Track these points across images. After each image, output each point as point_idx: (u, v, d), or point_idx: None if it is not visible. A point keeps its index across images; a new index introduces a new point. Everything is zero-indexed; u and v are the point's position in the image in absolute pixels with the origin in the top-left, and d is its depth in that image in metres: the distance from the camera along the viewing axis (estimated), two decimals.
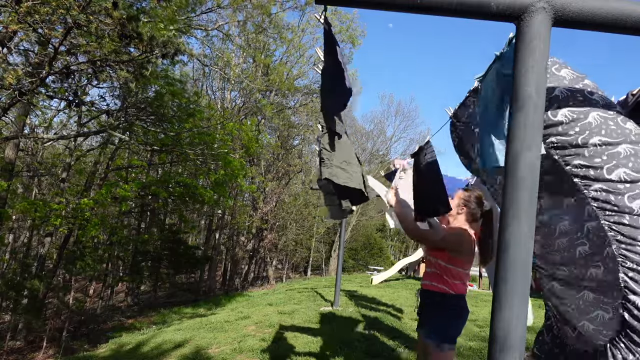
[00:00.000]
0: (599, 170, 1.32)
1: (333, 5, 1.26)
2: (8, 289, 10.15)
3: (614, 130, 1.32)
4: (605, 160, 1.31)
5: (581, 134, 1.35)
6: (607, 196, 1.31)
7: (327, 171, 1.96)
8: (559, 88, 1.42)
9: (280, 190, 19.09)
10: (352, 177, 2.02)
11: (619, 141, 1.31)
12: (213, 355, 4.32)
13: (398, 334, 5.17)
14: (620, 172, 1.29)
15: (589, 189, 1.35)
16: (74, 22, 5.00)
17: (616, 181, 1.29)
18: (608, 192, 1.31)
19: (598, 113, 1.35)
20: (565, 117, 1.38)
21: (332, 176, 1.95)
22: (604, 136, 1.32)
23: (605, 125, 1.33)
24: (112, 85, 8.79)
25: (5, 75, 5.19)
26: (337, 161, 2.01)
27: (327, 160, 1.98)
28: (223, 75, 14.63)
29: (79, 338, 10.99)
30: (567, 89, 1.42)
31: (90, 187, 13.13)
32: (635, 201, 1.27)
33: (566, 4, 1.09)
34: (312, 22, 15.82)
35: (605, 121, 1.34)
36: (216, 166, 11.73)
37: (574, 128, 1.36)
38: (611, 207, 1.30)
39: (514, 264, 1.06)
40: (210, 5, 11.39)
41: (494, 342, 1.07)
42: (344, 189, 2.10)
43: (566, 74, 1.47)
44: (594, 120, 1.34)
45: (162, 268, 16.47)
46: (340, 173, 1.98)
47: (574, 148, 1.37)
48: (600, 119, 1.34)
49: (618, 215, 1.29)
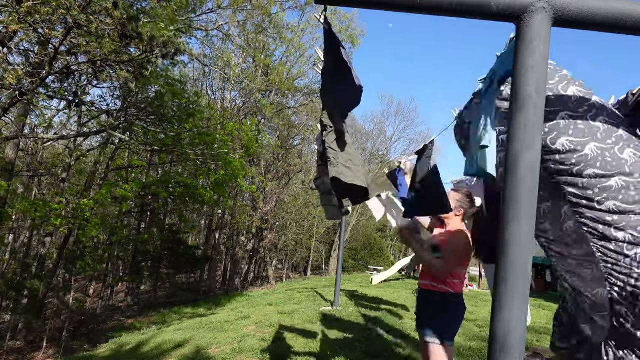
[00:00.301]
0: (590, 203, 1.43)
1: (333, 5, 1.26)
2: (8, 289, 10.16)
3: (609, 163, 1.41)
4: (597, 193, 1.42)
5: (577, 166, 1.44)
6: (596, 225, 1.44)
7: (334, 170, 1.96)
8: (562, 114, 1.48)
9: (280, 190, 19.10)
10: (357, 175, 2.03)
11: (613, 174, 1.40)
12: (213, 355, 4.32)
13: (398, 334, 5.17)
14: (610, 204, 1.40)
15: (581, 216, 1.47)
16: (75, 22, 5.00)
17: (605, 212, 1.41)
18: (597, 222, 1.43)
19: (595, 144, 1.43)
20: (563, 146, 1.46)
21: (340, 175, 1.96)
22: (598, 169, 1.41)
23: (602, 157, 1.42)
24: (112, 85, 8.79)
25: (6, 75, 5.19)
26: (342, 160, 2.02)
27: (333, 159, 1.99)
28: (223, 75, 14.63)
29: (79, 338, 11.00)
30: (570, 114, 1.47)
31: (91, 187, 13.13)
32: (620, 232, 1.41)
33: (566, 4, 1.09)
34: (312, 22, 15.83)
35: (602, 153, 1.42)
36: (216, 166, 11.73)
37: (571, 159, 1.44)
38: (599, 234, 1.44)
39: (514, 264, 1.06)
40: (211, 6, 11.40)
41: (494, 342, 1.07)
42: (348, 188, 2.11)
43: (573, 92, 1.51)
44: (591, 152, 1.42)
45: (162, 268, 16.48)
46: (347, 172, 2.00)
47: (570, 177, 1.47)
48: (597, 150, 1.42)
49: (604, 242, 1.43)
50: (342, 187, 2.10)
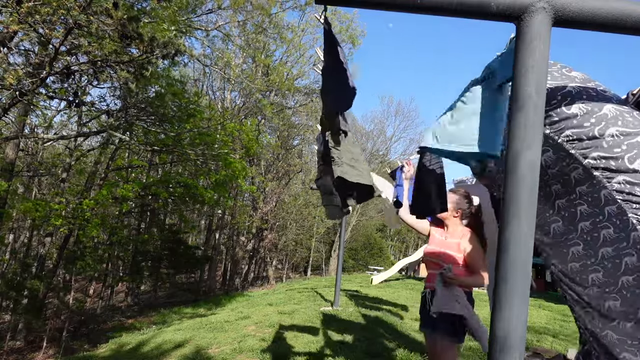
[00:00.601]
0: (620, 161, 1.26)
1: (333, 5, 1.26)
2: (8, 289, 10.16)
3: (631, 122, 1.28)
4: (625, 149, 1.26)
5: (597, 125, 1.31)
6: (633, 188, 1.24)
7: (338, 169, 1.97)
8: (572, 85, 1.41)
9: (280, 190, 19.10)
10: (362, 173, 2.04)
11: (638, 131, 1.27)
12: (213, 355, 4.32)
13: (398, 334, 5.17)
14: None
15: (612, 182, 1.29)
16: (75, 22, 5.00)
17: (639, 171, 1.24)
18: (633, 184, 1.24)
19: (613, 106, 1.33)
20: (580, 109, 1.35)
21: (344, 174, 1.97)
22: (621, 126, 1.28)
23: (622, 117, 1.30)
24: (112, 85, 8.79)
25: (6, 75, 5.20)
26: (346, 159, 2.02)
27: (337, 158, 1.99)
28: (223, 75, 14.63)
29: (79, 338, 11.00)
30: (580, 86, 1.41)
31: (91, 187, 13.13)
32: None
33: (566, 4, 1.09)
34: (312, 22, 15.84)
35: (621, 113, 1.31)
36: (216, 167, 11.74)
37: (590, 119, 1.32)
38: (638, 199, 1.24)
39: (514, 263, 1.06)
40: (211, 7, 11.40)
41: (494, 342, 1.07)
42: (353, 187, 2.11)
43: (577, 74, 1.47)
44: (609, 112, 1.31)
45: (162, 268, 16.48)
46: (351, 170, 2.00)
47: (590, 140, 1.32)
48: (616, 111, 1.31)
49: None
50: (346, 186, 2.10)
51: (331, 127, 2.05)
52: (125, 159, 14.47)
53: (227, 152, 10.61)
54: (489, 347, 1.10)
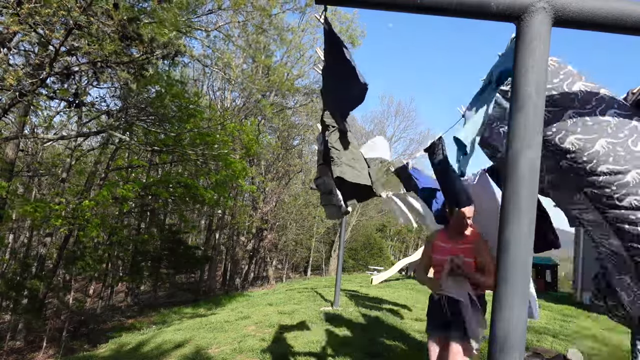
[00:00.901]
0: (610, 200, 1.37)
1: (333, 5, 1.26)
2: (8, 289, 10.15)
3: (622, 157, 1.35)
4: (614, 190, 1.36)
5: (589, 163, 1.39)
6: (622, 225, 1.37)
7: (338, 169, 1.97)
8: (569, 112, 1.43)
9: (280, 190, 19.10)
10: (361, 173, 2.03)
11: (628, 168, 1.34)
12: (213, 355, 4.32)
13: (398, 334, 5.17)
14: (631, 199, 1.34)
15: (605, 214, 1.41)
16: (75, 23, 5.00)
17: (628, 208, 1.34)
18: (622, 220, 1.36)
19: (606, 140, 1.37)
20: (573, 145, 1.41)
21: (343, 174, 1.96)
22: (612, 164, 1.35)
23: (614, 153, 1.35)
24: (112, 86, 8.79)
25: (6, 76, 5.19)
26: (346, 159, 2.02)
27: (336, 158, 1.99)
28: (223, 75, 14.63)
29: (79, 338, 11.00)
30: (577, 112, 1.42)
31: (91, 187, 13.13)
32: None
33: (566, 4, 1.09)
34: (313, 22, 15.84)
35: (614, 147, 1.36)
36: (217, 167, 11.74)
37: (582, 157, 1.39)
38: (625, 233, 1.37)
39: (514, 263, 1.06)
40: (211, 7, 11.40)
41: (494, 342, 1.07)
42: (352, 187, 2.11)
43: (579, 89, 1.45)
44: (602, 148, 1.37)
45: (162, 268, 16.48)
46: (350, 171, 1.99)
47: (586, 175, 1.42)
48: (609, 145, 1.36)
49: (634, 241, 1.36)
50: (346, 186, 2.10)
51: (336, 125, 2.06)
52: (125, 159, 14.47)
53: (227, 152, 10.61)
54: (489, 347, 1.10)
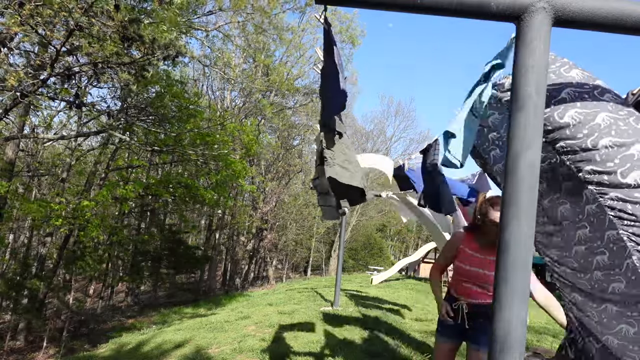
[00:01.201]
0: (612, 175, 1.25)
1: (333, 5, 1.26)
2: (8, 289, 10.15)
3: (625, 131, 1.26)
4: (618, 163, 1.24)
5: (590, 136, 1.29)
6: (624, 205, 1.24)
7: (330, 170, 1.95)
8: (567, 89, 1.38)
9: (280, 190, 19.10)
10: (354, 176, 2.01)
11: (632, 141, 1.24)
12: (213, 356, 4.32)
13: (398, 334, 5.17)
14: (636, 175, 1.21)
15: (605, 197, 1.28)
16: (76, 24, 5.00)
17: (632, 186, 1.22)
18: (625, 200, 1.23)
19: (607, 114, 1.29)
20: (573, 119, 1.32)
21: (336, 175, 1.95)
22: (614, 137, 1.26)
23: (616, 126, 1.27)
24: (113, 86, 8.79)
25: (7, 76, 5.19)
26: (339, 160, 2.00)
27: (330, 159, 1.97)
28: (223, 75, 14.63)
29: (79, 338, 11.00)
30: (575, 90, 1.37)
31: (91, 187, 13.13)
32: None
33: (566, 4, 1.09)
34: (313, 22, 15.84)
35: (615, 122, 1.28)
36: (217, 167, 11.74)
37: (582, 130, 1.30)
38: (628, 216, 1.24)
39: (514, 264, 1.06)
40: (211, 8, 11.40)
41: (494, 342, 1.07)
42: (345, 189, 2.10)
43: (576, 74, 1.43)
44: (603, 121, 1.28)
45: (162, 268, 16.48)
46: (343, 172, 1.98)
47: (584, 152, 1.31)
48: (610, 119, 1.28)
49: (637, 225, 1.23)
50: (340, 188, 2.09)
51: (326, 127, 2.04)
52: (125, 159, 14.47)
53: (228, 152, 10.61)
54: (489, 347, 1.10)
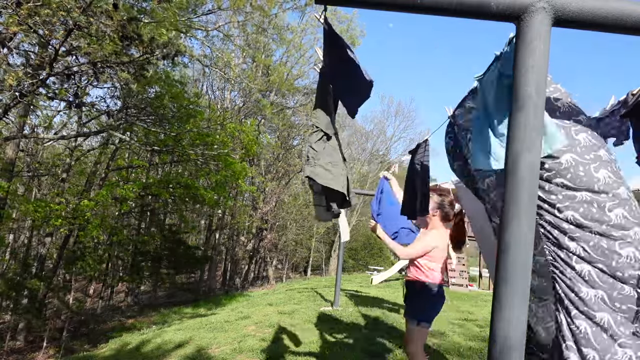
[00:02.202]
0: (551, 208, 1.42)
1: (333, 5, 1.26)
2: (8, 289, 10.15)
3: (580, 177, 1.39)
4: (559, 199, 1.40)
5: (548, 171, 1.42)
6: (552, 230, 1.43)
7: (309, 169, 1.93)
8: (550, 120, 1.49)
9: (280, 190, 19.10)
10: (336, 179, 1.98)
11: (580, 188, 1.38)
12: (213, 356, 4.32)
13: (398, 334, 5.17)
14: (569, 214, 1.39)
15: (541, 217, 1.46)
16: (75, 24, 5.00)
17: (563, 220, 1.39)
18: (553, 226, 1.42)
19: (572, 155, 1.40)
20: None
21: (314, 175, 1.92)
22: (568, 180, 1.40)
23: (574, 170, 1.39)
24: (112, 85, 8.79)
25: (6, 76, 5.19)
26: (322, 161, 1.97)
27: (311, 159, 1.95)
28: (223, 75, 14.63)
29: (79, 338, 11.00)
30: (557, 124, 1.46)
31: (91, 187, 13.13)
32: (572, 243, 1.39)
33: (566, 4, 1.09)
34: (313, 22, 15.84)
35: (576, 165, 1.39)
36: (217, 167, 11.74)
37: (545, 164, 1.43)
38: (553, 239, 1.43)
39: (514, 264, 1.06)
40: (211, 7, 11.39)
41: (494, 342, 1.07)
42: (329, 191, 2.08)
43: (562, 104, 1.52)
44: (566, 162, 1.40)
45: (162, 268, 16.47)
46: (323, 173, 1.95)
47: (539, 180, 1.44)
48: (573, 162, 1.40)
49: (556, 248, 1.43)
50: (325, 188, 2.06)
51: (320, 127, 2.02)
52: (125, 159, 14.47)
53: (227, 153, 10.61)
54: (489, 347, 1.10)
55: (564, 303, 1.41)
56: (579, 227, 1.38)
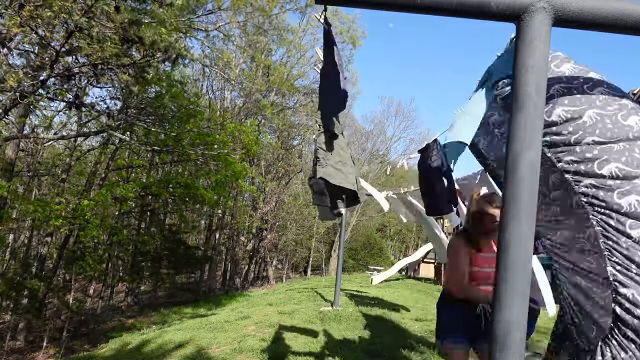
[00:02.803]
0: (589, 165, 1.29)
1: (333, 5, 1.26)
2: (8, 289, 10.15)
3: (610, 130, 1.28)
4: (596, 154, 1.28)
5: (574, 134, 1.32)
6: (597, 192, 1.27)
7: (322, 170, 1.93)
8: (556, 86, 1.39)
9: (280, 190, 19.09)
10: (347, 177, 1.99)
11: (614, 141, 1.27)
12: (213, 356, 4.32)
13: (398, 334, 5.17)
14: (612, 167, 1.24)
15: (580, 185, 1.32)
16: (76, 26, 5.00)
17: (607, 177, 1.26)
18: (597, 187, 1.27)
19: (594, 110, 1.31)
20: (559, 117, 1.35)
21: (327, 176, 1.93)
22: (597, 136, 1.29)
23: (602, 124, 1.29)
24: (113, 87, 8.79)
25: (7, 77, 5.19)
26: (332, 161, 1.98)
27: (322, 159, 1.95)
28: (223, 75, 14.63)
29: (79, 338, 11.00)
30: (564, 86, 1.38)
31: (91, 187, 13.13)
32: (624, 198, 1.22)
33: (566, 4, 1.09)
34: (313, 22, 15.83)
35: (602, 119, 1.30)
36: (217, 167, 11.75)
37: (568, 128, 1.34)
38: (599, 202, 1.28)
39: (514, 264, 1.06)
40: (211, 7, 11.40)
41: (494, 342, 1.07)
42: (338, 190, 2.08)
43: (567, 69, 1.43)
44: (589, 119, 1.30)
45: (162, 268, 16.47)
46: (335, 173, 1.96)
47: (566, 146, 1.35)
48: (597, 116, 1.30)
49: (606, 212, 1.27)
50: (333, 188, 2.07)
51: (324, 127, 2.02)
52: (125, 159, 14.47)
53: (228, 153, 10.61)
54: (489, 347, 1.10)
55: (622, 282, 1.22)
56: (626, 179, 1.22)
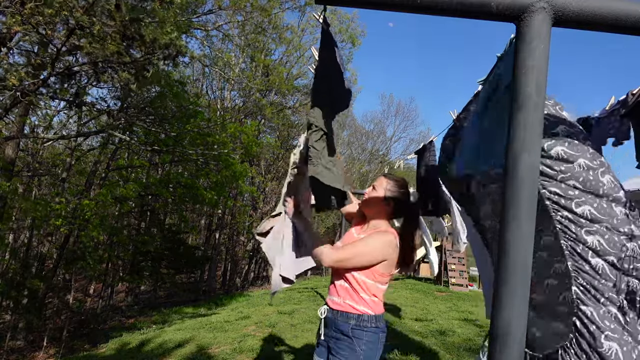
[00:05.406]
0: (568, 201, 1.51)
1: (333, 5, 1.25)
2: (8, 289, 10.16)
3: (589, 181, 1.51)
4: (576, 194, 1.51)
5: (563, 174, 1.52)
6: (569, 224, 1.52)
7: (312, 169, 1.92)
8: (561, 127, 1.56)
9: (280, 190, 19.10)
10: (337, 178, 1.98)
11: (589, 191, 1.50)
12: (213, 355, 4.32)
13: (397, 334, 5.17)
14: (586, 209, 1.49)
15: (557, 214, 1.55)
16: (77, 24, 5.00)
17: (579, 215, 1.49)
18: (570, 221, 1.52)
19: (585, 161, 1.51)
20: (558, 154, 1.54)
21: (318, 175, 1.91)
22: (579, 183, 1.51)
23: (586, 174, 1.51)
24: (113, 86, 8.79)
25: (8, 76, 5.19)
26: (324, 161, 1.97)
27: (314, 158, 1.94)
28: (222, 75, 14.63)
29: (79, 338, 11.01)
30: (567, 130, 1.56)
31: (91, 187, 13.14)
32: (590, 236, 1.50)
33: (566, 4, 1.09)
34: (312, 21, 15.85)
35: (587, 170, 1.51)
36: (217, 167, 11.76)
37: (560, 166, 1.52)
38: (570, 233, 1.52)
39: (514, 265, 1.05)
40: (211, 7, 11.40)
41: (494, 342, 1.07)
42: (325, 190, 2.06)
43: (567, 115, 1.63)
44: (579, 167, 1.51)
45: (162, 268, 16.48)
46: (326, 173, 1.94)
47: (553, 180, 1.56)
48: (585, 166, 1.51)
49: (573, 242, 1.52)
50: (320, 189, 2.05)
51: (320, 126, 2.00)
52: (125, 159, 14.48)
53: (228, 153, 10.62)
54: (489, 347, 1.10)
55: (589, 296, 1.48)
56: (594, 222, 1.47)
